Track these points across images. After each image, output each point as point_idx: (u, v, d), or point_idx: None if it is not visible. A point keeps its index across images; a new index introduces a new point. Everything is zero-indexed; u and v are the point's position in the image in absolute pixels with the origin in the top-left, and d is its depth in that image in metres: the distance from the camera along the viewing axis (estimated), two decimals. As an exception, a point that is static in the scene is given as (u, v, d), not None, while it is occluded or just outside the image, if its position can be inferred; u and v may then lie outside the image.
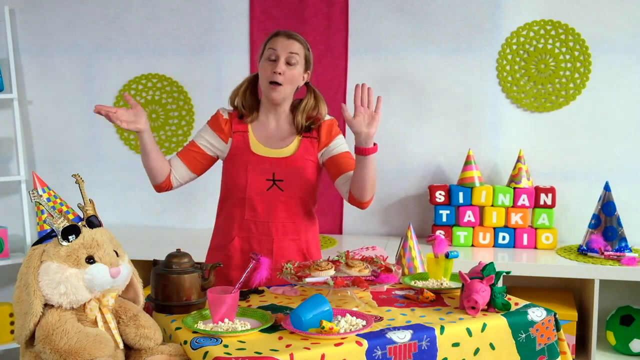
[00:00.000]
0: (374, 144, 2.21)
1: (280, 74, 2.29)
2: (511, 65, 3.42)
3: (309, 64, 2.39)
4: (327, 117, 2.46)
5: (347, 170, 2.35)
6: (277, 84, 2.30)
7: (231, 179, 2.35)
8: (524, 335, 1.92)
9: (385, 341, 1.73)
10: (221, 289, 1.89)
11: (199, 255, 2.29)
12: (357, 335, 1.73)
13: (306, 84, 2.43)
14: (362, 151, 2.19)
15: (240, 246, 2.35)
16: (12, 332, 3.39)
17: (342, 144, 2.43)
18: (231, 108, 2.43)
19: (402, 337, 1.76)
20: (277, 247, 2.34)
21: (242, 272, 2.15)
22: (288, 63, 2.30)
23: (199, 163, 2.39)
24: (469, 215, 3.33)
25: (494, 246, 3.33)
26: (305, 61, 2.36)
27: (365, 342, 1.71)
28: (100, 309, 1.76)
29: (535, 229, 3.30)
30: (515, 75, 3.42)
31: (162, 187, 2.38)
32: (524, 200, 3.29)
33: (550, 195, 3.27)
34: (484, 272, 1.96)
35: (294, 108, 2.41)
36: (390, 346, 1.73)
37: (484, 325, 1.87)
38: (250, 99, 2.41)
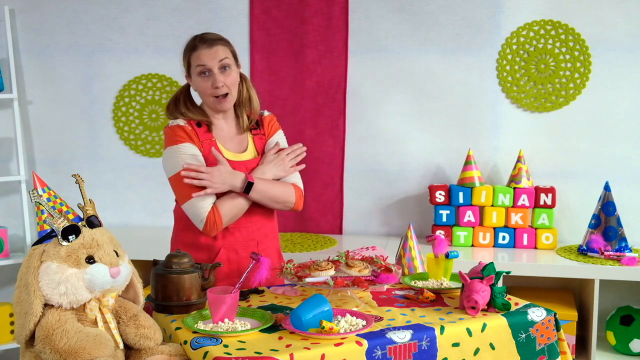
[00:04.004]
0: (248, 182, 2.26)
1: (221, 86, 2.27)
2: (511, 65, 3.42)
3: (237, 57, 2.35)
4: (268, 113, 2.48)
5: None
6: (223, 95, 2.29)
7: None
8: (524, 335, 1.92)
9: (385, 341, 1.73)
10: (221, 289, 1.89)
11: (199, 255, 2.29)
12: (357, 335, 1.73)
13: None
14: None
15: (227, 257, 2.32)
16: (12, 332, 3.39)
17: (282, 139, 2.45)
18: (176, 120, 2.34)
19: (402, 337, 1.76)
20: (261, 249, 2.35)
21: (231, 280, 2.15)
22: (223, 69, 2.27)
23: None
24: (469, 215, 3.33)
25: (494, 246, 3.33)
26: (234, 57, 2.33)
27: (365, 342, 1.71)
28: (100, 309, 1.76)
29: (535, 229, 3.30)
30: (515, 75, 3.42)
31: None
32: (524, 200, 3.29)
33: (550, 195, 3.27)
34: (484, 272, 1.96)
35: (236, 105, 2.40)
36: (390, 346, 1.73)
37: (484, 325, 1.87)
38: (195, 109, 2.36)
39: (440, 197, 3.35)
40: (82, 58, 3.74)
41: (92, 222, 1.80)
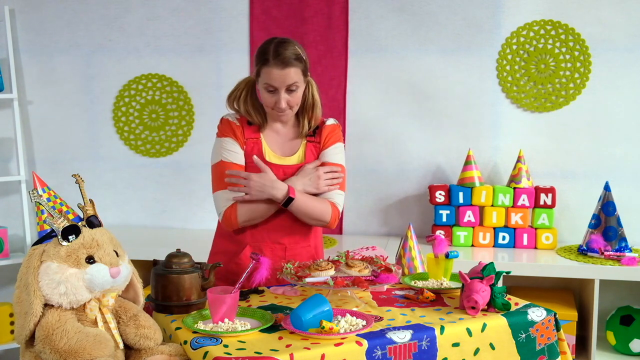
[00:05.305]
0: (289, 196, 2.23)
1: (284, 107, 2.23)
2: (511, 65, 3.42)
3: (307, 72, 2.27)
4: (332, 122, 2.40)
5: None
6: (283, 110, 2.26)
7: None
8: (524, 335, 1.92)
9: (385, 341, 1.73)
10: (221, 289, 1.89)
11: (199, 255, 2.29)
12: (357, 335, 1.73)
13: None
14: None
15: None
16: (12, 332, 3.39)
17: (334, 154, 2.35)
18: (232, 112, 2.36)
19: (402, 337, 1.76)
20: (289, 254, 2.32)
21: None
22: (289, 90, 2.22)
23: None
24: (469, 215, 3.33)
25: (494, 246, 3.33)
26: (304, 73, 2.25)
27: (365, 342, 1.71)
28: (100, 309, 1.76)
29: (535, 229, 3.30)
30: (515, 75, 3.42)
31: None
32: (524, 200, 3.29)
33: (550, 195, 3.27)
34: (484, 272, 1.96)
35: (298, 110, 2.35)
36: (390, 346, 1.73)
37: (484, 325, 1.87)
38: (254, 105, 2.32)
39: (440, 197, 3.35)
40: (82, 58, 3.75)
41: (92, 222, 1.80)
